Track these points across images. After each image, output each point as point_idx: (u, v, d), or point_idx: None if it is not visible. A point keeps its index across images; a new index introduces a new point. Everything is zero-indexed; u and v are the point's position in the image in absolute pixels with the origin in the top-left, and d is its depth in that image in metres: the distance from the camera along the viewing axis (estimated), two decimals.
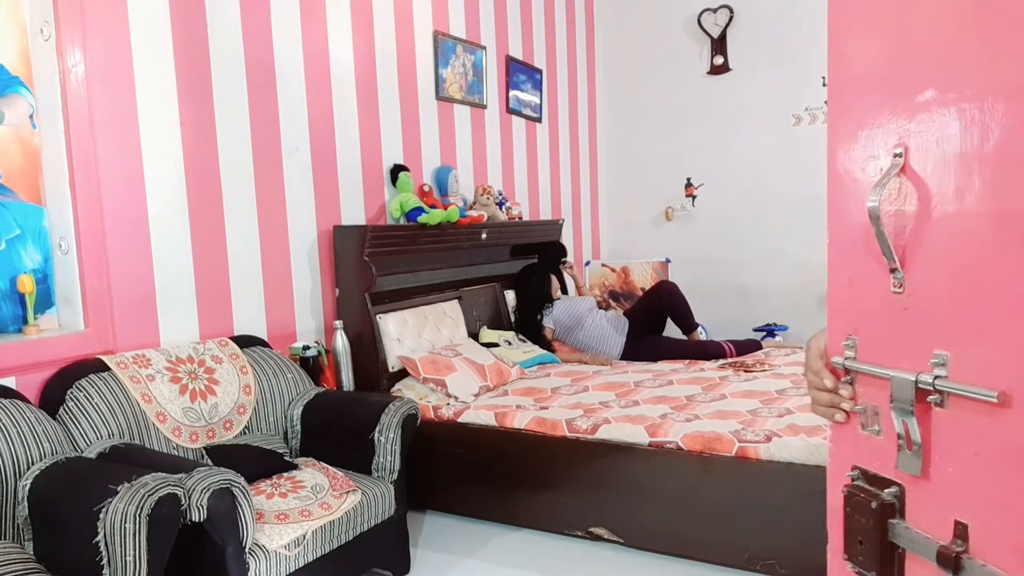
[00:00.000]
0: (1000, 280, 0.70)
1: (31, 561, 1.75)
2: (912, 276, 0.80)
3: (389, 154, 3.57)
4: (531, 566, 2.65)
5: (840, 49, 0.89)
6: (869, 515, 0.85)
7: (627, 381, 3.38)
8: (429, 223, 3.42)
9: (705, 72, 5.18)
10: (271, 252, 2.95)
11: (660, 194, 5.41)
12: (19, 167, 2.25)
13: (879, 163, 0.83)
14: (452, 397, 3.13)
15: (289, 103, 3.02)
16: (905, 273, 0.80)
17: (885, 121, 0.82)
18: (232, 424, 2.48)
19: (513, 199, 4.52)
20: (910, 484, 0.82)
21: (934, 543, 0.78)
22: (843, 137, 0.89)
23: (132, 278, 2.45)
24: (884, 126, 0.82)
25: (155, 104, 2.52)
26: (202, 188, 2.68)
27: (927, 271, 0.78)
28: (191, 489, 1.80)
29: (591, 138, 5.59)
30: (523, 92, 4.65)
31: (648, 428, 2.65)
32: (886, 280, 0.82)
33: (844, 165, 0.89)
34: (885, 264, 0.81)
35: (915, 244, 0.79)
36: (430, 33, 3.83)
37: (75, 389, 2.16)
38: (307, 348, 2.94)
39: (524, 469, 2.86)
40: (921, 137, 0.77)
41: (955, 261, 0.75)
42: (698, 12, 5.11)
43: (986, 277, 0.71)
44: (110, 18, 2.38)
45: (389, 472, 2.48)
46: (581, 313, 4.18)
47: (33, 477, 1.87)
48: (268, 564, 1.99)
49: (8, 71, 2.22)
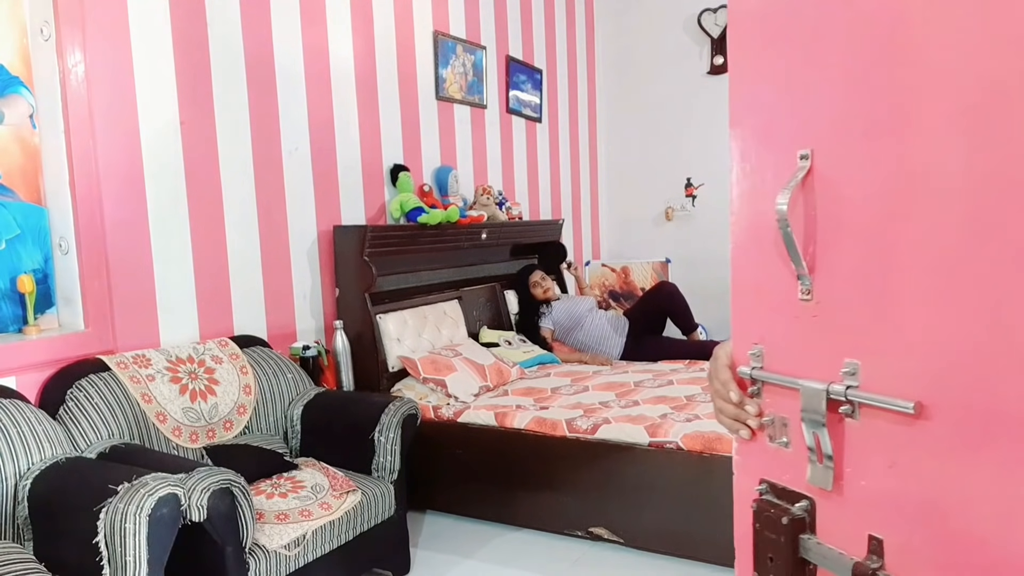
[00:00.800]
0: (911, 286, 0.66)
1: (31, 561, 1.75)
2: (820, 282, 0.75)
3: (389, 154, 3.57)
4: (531, 566, 2.65)
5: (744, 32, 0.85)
6: (779, 531, 0.81)
7: (627, 381, 3.38)
8: (429, 223, 3.42)
9: (705, 72, 5.18)
10: (271, 252, 2.95)
11: (660, 194, 5.41)
12: (19, 167, 2.25)
13: (786, 164, 0.78)
14: (452, 397, 3.13)
15: (289, 103, 3.02)
16: (813, 279, 0.76)
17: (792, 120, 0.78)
18: (232, 424, 2.48)
19: (513, 199, 4.52)
20: (821, 498, 0.79)
21: (848, 559, 0.75)
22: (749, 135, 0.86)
23: (132, 278, 2.45)
24: (791, 125, 0.78)
25: (155, 104, 2.52)
26: (202, 188, 2.68)
27: (836, 277, 0.74)
28: (191, 489, 1.80)
29: (591, 138, 5.59)
30: (523, 92, 4.65)
31: (648, 428, 2.65)
32: (794, 287, 0.78)
33: (750, 163, 0.86)
34: (792, 270, 0.77)
35: (823, 249, 0.75)
36: (430, 33, 3.83)
37: (75, 389, 2.16)
38: (307, 348, 2.94)
39: (524, 469, 2.86)
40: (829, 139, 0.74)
41: (864, 266, 0.71)
42: (698, 12, 5.12)
43: (897, 283, 0.68)
44: (110, 18, 2.38)
45: (389, 472, 2.48)
46: (581, 313, 4.17)
47: (33, 477, 1.87)
48: (268, 564, 1.99)
49: (8, 71, 2.22)
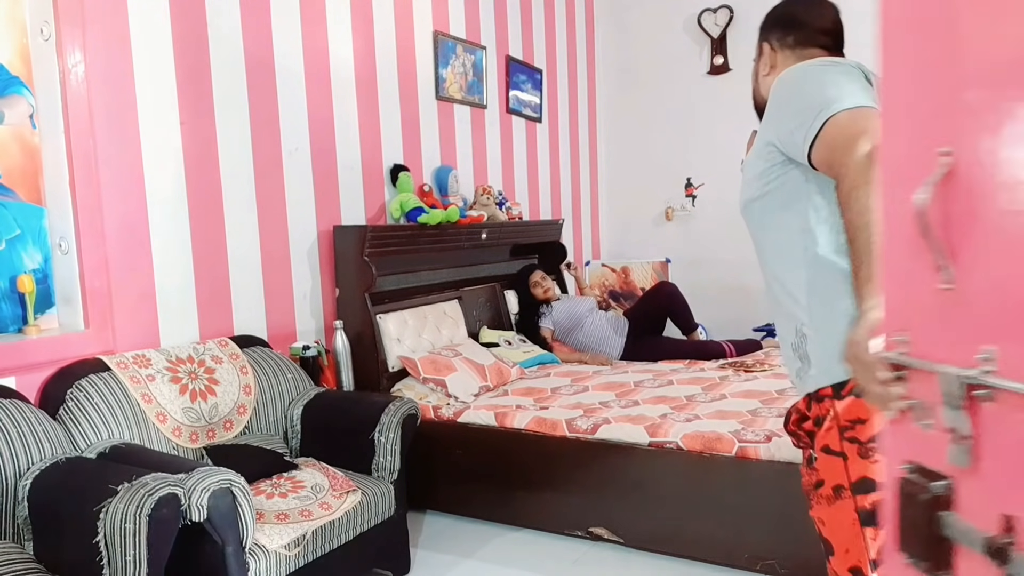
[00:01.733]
0: None
1: (31, 561, 1.76)
2: (962, 273, 0.80)
3: (389, 154, 3.57)
4: (531, 566, 2.65)
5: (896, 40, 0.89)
6: (920, 507, 0.86)
7: (627, 381, 3.38)
8: (429, 223, 3.42)
9: (705, 72, 5.18)
10: (271, 252, 2.95)
11: (660, 194, 5.41)
12: (19, 167, 2.25)
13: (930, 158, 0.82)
14: (452, 397, 3.13)
15: (289, 103, 3.02)
16: (954, 270, 0.80)
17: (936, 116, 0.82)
18: (232, 424, 2.48)
19: (513, 199, 4.52)
20: (960, 477, 0.83)
21: (982, 535, 0.79)
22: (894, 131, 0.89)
23: (132, 278, 2.45)
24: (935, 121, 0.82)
25: (155, 104, 2.52)
26: (202, 188, 2.68)
27: (976, 268, 0.79)
28: (191, 489, 1.79)
29: (591, 138, 5.59)
30: (523, 92, 4.65)
31: (648, 428, 2.65)
32: (935, 277, 0.83)
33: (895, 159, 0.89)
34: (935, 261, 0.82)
35: (963, 241, 0.79)
36: (430, 33, 3.83)
37: (75, 389, 2.16)
38: (307, 348, 2.94)
39: (524, 469, 2.86)
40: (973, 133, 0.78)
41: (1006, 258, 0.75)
42: (698, 12, 5.11)
43: None
44: (110, 18, 2.38)
45: (389, 472, 2.48)
46: (581, 314, 4.17)
47: (33, 477, 1.87)
48: (268, 564, 1.99)
49: (8, 71, 2.22)
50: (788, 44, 1.47)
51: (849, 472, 1.22)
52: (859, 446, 1.20)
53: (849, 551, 1.24)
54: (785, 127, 1.30)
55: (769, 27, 1.52)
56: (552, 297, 4.22)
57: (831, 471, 1.25)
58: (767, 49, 1.52)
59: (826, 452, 1.25)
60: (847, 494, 1.22)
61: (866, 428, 1.20)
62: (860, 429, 1.20)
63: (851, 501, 1.22)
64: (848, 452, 1.22)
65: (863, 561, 1.22)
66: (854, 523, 1.22)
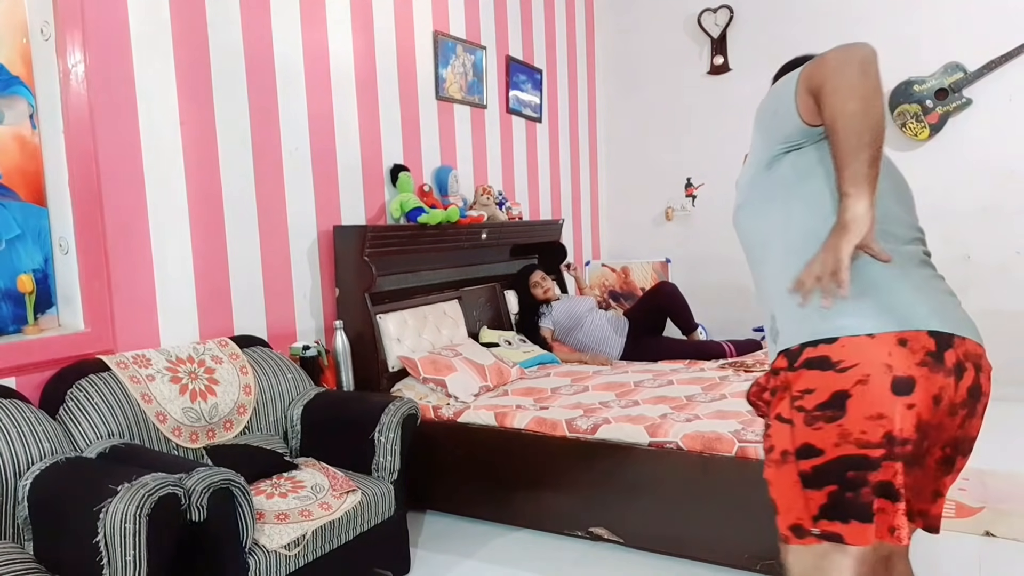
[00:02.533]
0: None
1: (31, 561, 1.76)
2: None
3: (389, 154, 3.57)
4: (531, 566, 2.65)
5: None
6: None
7: (627, 381, 3.38)
8: (429, 223, 3.42)
9: (705, 72, 5.18)
10: (271, 252, 2.95)
11: (660, 194, 5.41)
12: (19, 167, 2.25)
13: None
14: (452, 397, 3.13)
15: (289, 103, 3.02)
16: None
17: None
18: (232, 424, 2.48)
19: (513, 199, 4.52)
20: None
21: None
22: None
23: (132, 278, 2.45)
24: None
25: (155, 104, 2.52)
26: (202, 188, 2.68)
27: None
28: (191, 489, 1.80)
29: (591, 138, 5.59)
30: (523, 92, 4.65)
31: (648, 428, 2.65)
32: None
33: None
34: None
35: None
36: (430, 33, 3.83)
37: (75, 389, 2.16)
38: (307, 348, 2.94)
39: (524, 469, 2.86)
40: None
41: None
42: (698, 12, 5.11)
43: None
44: (110, 18, 2.38)
45: (389, 472, 2.48)
46: (581, 313, 4.17)
47: (33, 477, 1.87)
48: (268, 564, 1.99)
49: (8, 71, 2.22)
50: None
51: (795, 438, 1.31)
52: (805, 414, 1.30)
53: (791, 510, 1.34)
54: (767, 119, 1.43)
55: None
56: (552, 297, 4.22)
57: (781, 437, 1.34)
58: None
59: (778, 419, 1.35)
60: (792, 458, 1.32)
61: (812, 398, 1.28)
62: (808, 399, 1.29)
63: (794, 465, 1.31)
64: (795, 419, 1.31)
65: (803, 519, 1.33)
66: (795, 484, 1.32)
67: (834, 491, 1.28)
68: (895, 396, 1.23)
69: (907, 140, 4.60)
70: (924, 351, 1.25)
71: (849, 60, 1.24)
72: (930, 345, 1.26)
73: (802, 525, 1.33)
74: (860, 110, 1.23)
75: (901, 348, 1.25)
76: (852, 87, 1.23)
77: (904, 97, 4.57)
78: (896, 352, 1.25)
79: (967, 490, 3.03)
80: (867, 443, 1.25)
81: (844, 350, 1.26)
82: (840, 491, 1.28)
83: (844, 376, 1.25)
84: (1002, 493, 3.01)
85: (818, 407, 1.27)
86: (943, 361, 1.26)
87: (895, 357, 1.24)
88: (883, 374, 1.24)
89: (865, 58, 1.24)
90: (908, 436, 1.25)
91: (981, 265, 4.43)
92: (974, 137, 4.46)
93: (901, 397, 1.24)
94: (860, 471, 1.26)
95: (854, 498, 1.27)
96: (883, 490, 1.27)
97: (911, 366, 1.24)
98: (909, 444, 1.26)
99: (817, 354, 1.28)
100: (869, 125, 1.23)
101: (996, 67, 4.38)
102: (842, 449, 1.26)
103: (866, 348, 1.25)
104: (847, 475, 1.27)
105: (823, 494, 1.29)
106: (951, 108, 4.49)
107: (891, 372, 1.24)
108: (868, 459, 1.25)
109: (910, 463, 1.29)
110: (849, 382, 1.25)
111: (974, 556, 2.56)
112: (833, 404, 1.26)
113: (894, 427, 1.24)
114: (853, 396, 1.25)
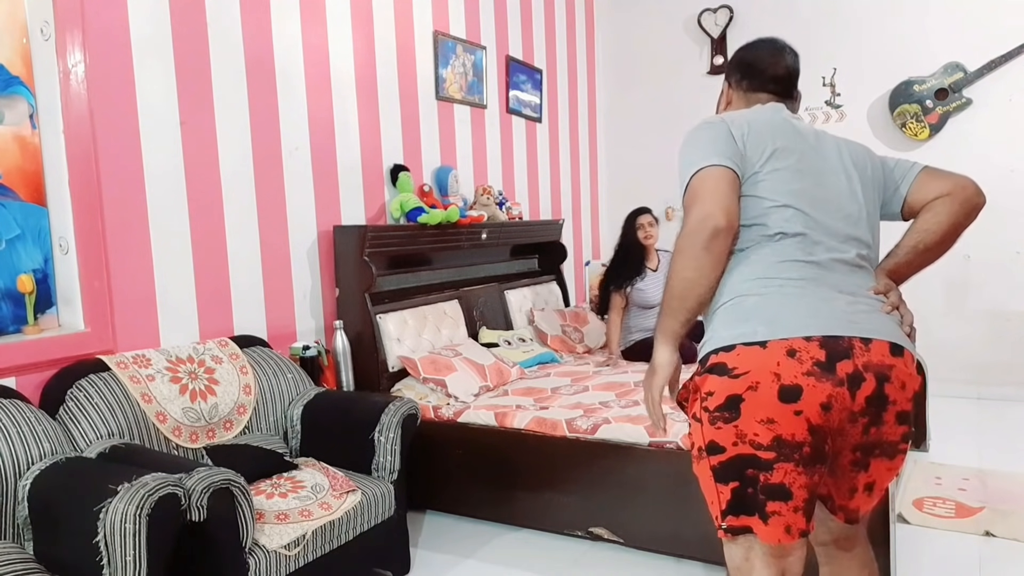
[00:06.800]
0: None
1: (31, 561, 1.76)
2: None
3: (389, 154, 3.57)
4: (531, 566, 2.65)
5: None
6: None
7: (627, 381, 3.38)
8: (429, 223, 3.42)
9: (705, 72, 5.18)
10: (271, 252, 2.95)
11: (660, 194, 5.40)
12: (19, 167, 2.25)
13: None
14: (452, 397, 3.13)
15: (289, 103, 3.02)
16: None
17: None
18: (232, 424, 2.48)
19: (513, 199, 4.52)
20: None
21: None
22: None
23: (132, 278, 2.45)
24: None
25: (155, 104, 2.52)
26: (202, 188, 2.68)
27: None
28: (191, 489, 1.80)
29: (591, 138, 5.59)
30: (523, 92, 4.65)
31: (648, 428, 2.65)
32: None
33: None
34: None
35: None
36: (430, 33, 3.83)
37: (75, 389, 2.16)
38: (307, 348, 2.94)
39: (524, 469, 2.86)
40: None
41: None
42: (698, 12, 5.12)
43: None
44: (110, 18, 2.38)
45: (389, 472, 2.48)
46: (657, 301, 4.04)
47: (33, 477, 1.87)
48: (268, 564, 1.99)
49: (8, 71, 2.22)
50: (742, 87, 1.72)
51: (704, 435, 1.44)
52: (709, 414, 1.42)
53: (712, 502, 1.46)
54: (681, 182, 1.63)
55: (732, 68, 1.75)
56: (651, 246, 4.10)
57: (696, 435, 1.47)
58: (726, 87, 1.77)
59: (694, 418, 1.48)
60: (704, 454, 1.44)
61: (713, 400, 1.41)
62: (710, 400, 1.42)
63: (707, 460, 1.44)
64: (703, 419, 1.44)
65: (717, 511, 1.45)
66: (709, 478, 1.44)
67: (737, 487, 1.40)
68: (782, 404, 1.34)
69: (907, 140, 4.61)
70: (812, 361, 1.34)
71: (703, 229, 1.43)
72: (820, 356, 1.34)
73: (719, 516, 1.45)
74: (694, 280, 1.44)
75: (789, 359, 1.35)
76: (696, 256, 1.44)
77: (904, 97, 4.57)
78: (784, 362, 1.34)
79: (967, 490, 3.03)
80: (759, 445, 1.36)
81: (739, 358, 1.38)
82: (742, 487, 1.39)
83: (737, 382, 1.37)
84: (1002, 493, 3.01)
85: (717, 408, 1.40)
86: (834, 371, 1.34)
87: (783, 367, 1.34)
88: (771, 382, 1.34)
89: (716, 231, 1.42)
90: (802, 439, 1.35)
91: (981, 265, 4.43)
92: (974, 137, 4.46)
93: (788, 404, 1.34)
94: (757, 470, 1.37)
95: (754, 494, 1.38)
96: (776, 492, 1.37)
97: (798, 375, 1.34)
98: (805, 446, 1.35)
99: (718, 361, 1.41)
100: (696, 294, 1.45)
101: (996, 67, 4.38)
102: (740, 448, 1.38)
103: (757, 357, 1.37)
104: (747, 472, 1.38)
105: (728, 489, 1.41)
106: (951, 108, 4.49)
107: (779, 381, 1.34)
108: (761, 460, 1.36)
109: (812, 463, 1.37)
110: (742, 387, 1.37)
111: (974, 556, 2.56)
112: (729, 407, 1.38)
113: (783, 431, 1.34)
114: (746, 400, 1.36)
